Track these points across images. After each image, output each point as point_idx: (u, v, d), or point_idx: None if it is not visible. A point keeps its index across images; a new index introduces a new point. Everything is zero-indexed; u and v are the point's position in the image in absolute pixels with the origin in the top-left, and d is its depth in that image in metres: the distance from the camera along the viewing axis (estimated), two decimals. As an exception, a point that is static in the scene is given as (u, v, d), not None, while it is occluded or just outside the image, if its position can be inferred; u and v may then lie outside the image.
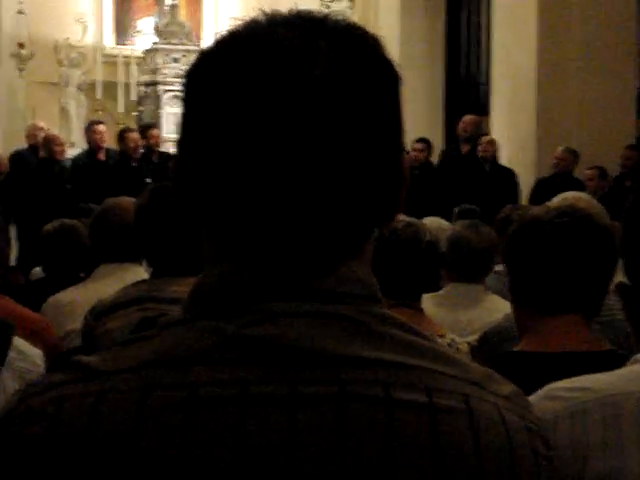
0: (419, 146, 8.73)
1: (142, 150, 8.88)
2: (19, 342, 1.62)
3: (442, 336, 2.66)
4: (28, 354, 1.64)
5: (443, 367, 0.79)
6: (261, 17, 0.81)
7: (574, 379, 1.20)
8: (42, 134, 8.81)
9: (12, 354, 1.58)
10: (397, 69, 0.82)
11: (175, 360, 0.76)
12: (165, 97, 11.25)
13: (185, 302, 0.81)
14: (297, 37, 0.78)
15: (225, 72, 0.79)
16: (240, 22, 0.82)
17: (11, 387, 1.56)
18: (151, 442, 0.73)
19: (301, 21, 0.80)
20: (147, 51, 11.59)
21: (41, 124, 9.34)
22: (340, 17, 0.82)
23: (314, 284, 0.78)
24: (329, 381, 0.75)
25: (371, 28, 0.84)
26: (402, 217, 2.61)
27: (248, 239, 0.79)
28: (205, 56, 0.82)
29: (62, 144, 8.41)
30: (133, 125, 11.21)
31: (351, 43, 0.80)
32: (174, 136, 10.48)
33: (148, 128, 9.31)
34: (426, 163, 8.82)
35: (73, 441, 0.74)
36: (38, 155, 8.71)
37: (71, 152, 9.30)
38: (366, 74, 0.79)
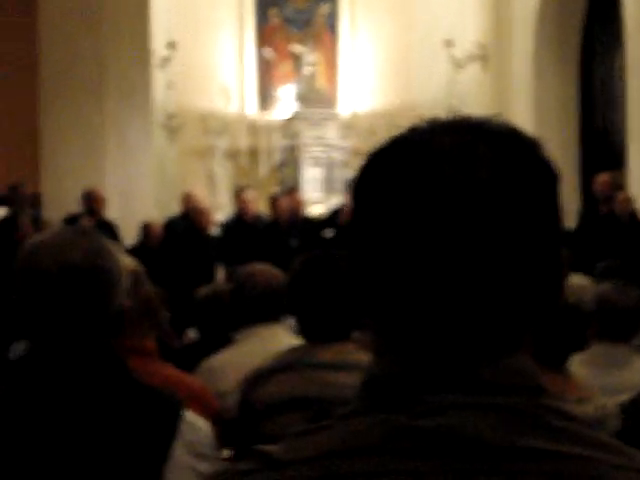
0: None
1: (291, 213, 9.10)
2: (188, 414, 1.67)
3: (589, 399, 2.64)
4: (198, 426, 1.68)
5: (608, 456, 0.80)
6: (422, 124, 0.85)
7: None
8: (191, 205, 9.12)
9: (183, 427, 1.63)
10: (556, 169, 0.85)
11: (350, 451, 0.79)
12: (305, 160, 11.53)
13: (357, 392, 0.84)
14: (458, 143, 0.82)
15: (389, 177, 0.83)
16: (403, 130, 0.87)
17: (183, 458, 1.61)
18: None
19: (462, 126, 0.84)
20: (288, 118, 11.91)
21: (194, 193, 9.67)
22: (499, 121, 0.85)
23: (480, 376, 0.80)
24: (498, 473, 0.77)
25: (505, 85, 0.88)
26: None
27: (414, 332, 0.82)
28: (371, 162, 0.86)
29: (207, 214, 8.68)
30: (275, 188, 11.52)
31: (511, 146, 0.83)
32: (315, 196, 10.76)
33: (292, 191, 9.53)
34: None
35: None
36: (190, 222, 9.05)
37: (219, 216, 9.61)
38: (527, 175, 0.82)
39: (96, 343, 1.64)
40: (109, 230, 7.91)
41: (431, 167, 0.81)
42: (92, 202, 8.40)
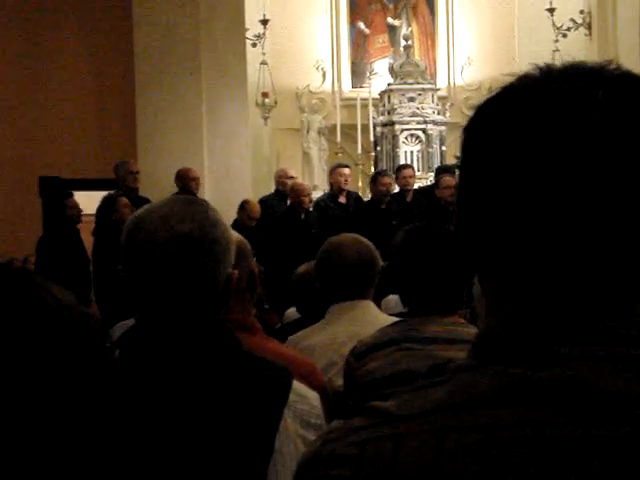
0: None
1: (395, 191, 8.95)
2: (298, 385, 1.66)
3: None
4: (306, 396, 1.68)
5: None
6: (535, 70, 0.83)
7: None
8: (290, 182, 9.07)
9: (292, 397, 1.62)
10: None
11: (468, 403, 0.78)
12: (402, 136, 11.42)
13: (472, 347, 0.83)
14: (573, 88, 0.80)
15: (503, 124, 0.81)
16: (512, 77, 0.84)
17: (292, 428, 1.61)
18: None
19: (576, 72, 0.82)
20: (383, 92, 11.82)
21: (291, 172, 9.60)
22: (613, 66, 0.83)
23: (602, 326, 0.78)
24: (621, 422, 0.75)
25: (611, 53, 0.85)
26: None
27: (533, 282, 0.80)
28: (482, 110, 0.85)
29: (309, 194, 8.63)
30: (370, 165, 11.46)
31: (627, 90, 0.81)
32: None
33: (402, 168, 9.33)
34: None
35: None
36: (285, 201, 9.02)
37: (314, 194, 9.60)
38: None
39: (206, 313, 1.63)
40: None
41: (546, 111, 0.79)
42: (187, 181, 8.49)
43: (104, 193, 7.82)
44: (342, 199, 9.16)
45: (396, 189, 9.05)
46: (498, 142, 0.81)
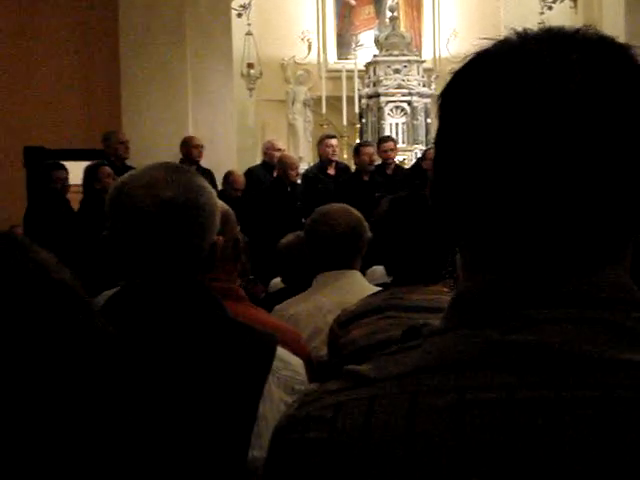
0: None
1: (377, 163, 8.92)
2: (282, 351, 1.67)
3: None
4: (290, 363, 1.69)
5: None
6: (512, 35, 0.84)
7: None
8: (278, 154, 9.05)
9: (277, 363, 1.64)
10: None
11: (441, 366, 0.79)
12: (387, 108, 11.39)
13: (446, 311, 0.84)
14: (549, 51, 0.80)
15: (480, 88, 0.81)
16: (488, 42, 0.85)
17: (276, 393, 1.62)
18: (422, 445, 0.77)
19: (552, 36, 0.82)
20: (368, 64, 11.78)
21: (279, 145, 9.58)
22: (591, 29, 0.83)
23: (574, 289, 0.79)
24: (593, 385, 0.76)
25: (595, 26, 0.86)
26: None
27: (508, 247, 0.81)
28: (458, 75, 0.85)
29: (297, 167, 8.60)
30: (355, 137, 11.44)
31: (603, 53, 0.81)
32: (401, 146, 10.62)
33: (383, 140, 9.31)
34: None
35: (351, 444, 0.79)
36: (272, 173, 8.99)
37: (301, 166, 9.59)
38: (621, 82, 0.79)
39: (191, 279, 1.63)
40: (207, 178, 7.96)
41: (522, 75, 0.79)
42: (189, 148, 8.49)
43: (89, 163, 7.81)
44: (331, 170, 9.13)
45: (378, 161, 9.05)
46: (473, 107, 0.81)
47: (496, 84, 0.80)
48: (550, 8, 11.53)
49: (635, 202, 0.80)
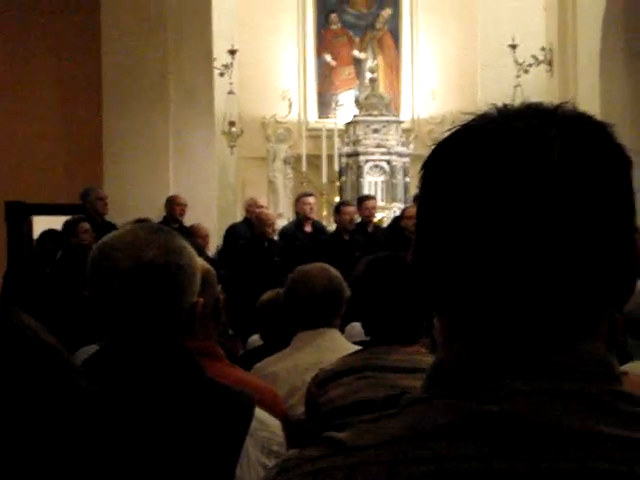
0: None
1: (357, 221, 8.97)
2: (260, 413, 1.67)
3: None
4: (268, 424, 1.69)
5: None
6: (492, 110, 0.85)
7: None
8: (257, 211, 9.08)
9: (254, 424, 1.63)
10: (628, 153, 0.84)
11: (419, 436, 0.79)
12: (366, 167, 11.51)
13: (424, 381, 0.85)
14: (528, 128, 0.81)
15: (461, 163, 0.82)
16: (471, 116, 0.86)
17: (254, 455, 1.62)
18: None
19: (532, 112, 0.83)
20: (348, 123, 11.91)
21: (261, 202, 9.66)
22: (569, 106, 0.84)
23: (551, 362, 0.80)
24: (570, 457, 0.76)
25: (571, 89, 0.88)
26: None
27: (485, 318, 0.82)
28: (440, 148, 0.86)
29: (272, 224, 8.62)
30: (335, 195, 11.52)
31: (582, 130, 0.82)
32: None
33: (364, 199, 9.40)
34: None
35: None
36: (253, 229, 9.07)
37: (279, 222, 9.62)
38: (599, 159, 0.81)
39: (169, 340, 1.64)
40: (189, 237, 7.95)
41: (502, 150, 0.80)
42: (172, 206, 8.52)
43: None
44: (308, 228, 9.19)
45: (358, 220, 9.12)
46: (454, 180, 0.82)
47: (476, 159, 0.81)
48: (526, 72, 11.73)
49: (610, 278, 0.81)
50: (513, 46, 11.74)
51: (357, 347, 2.86)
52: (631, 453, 0.77)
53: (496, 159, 0.80)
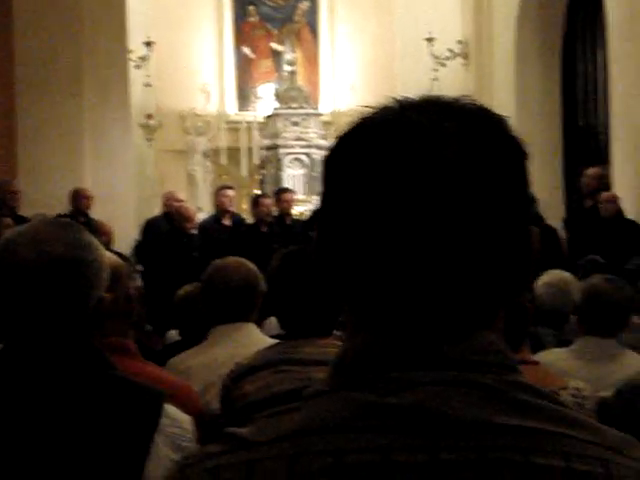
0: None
1: (275, 214, 8.99)
2: (170, 409, 1.65)
3: (564, 388, 2.65)
4: (179, 420, 1.66)
5: (580, 433, 0.80)
6: (393, 103, 0.86)
7: None
8: (176, 205, 9.01)
9: (164, 420, 1.61)
10: (523, 145, 0.85)
11: (319, 429, 0.80)
12: (286, 160, 11.50)
13: (328, 373, 0.85)
14: (427, 120, 0.82)
15: (359, 156, 0.83)
16: (373, 109, 0.87)
17: (163, 452, 1.59)
18: None
19: (431, 105, 0.84)
20: (268, 116, 11.89)
21: (179, 196, 9.56)
22: (468, 100, 0.86)
23: (449, 353, 0.81)
24: (469, 448, 0.77)
25: (486, 82, 0.89)
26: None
27: (384, 310, 0.82)
28: (342, 141, 0.86)
29: (192, 220, 8.58)
30: (255, 188, 11.49)
31: (478, 123, 0.83)
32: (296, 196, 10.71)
33: (282, 192, 9.42)
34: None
35: None
36: (172, 224, 8.98)
37: (199, 216, 9.56)
38: (494, 152, 0.82)
39: (75, 336, 1.61)
40: (95, 231, 7.83)
41: (399, 143, 0.81)
42: (78, 199, 8.36)
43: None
44: (226, 221, 9.16)
45: (276, 212, 9.13)
46: (353, 174, 0.83)
47: (375, 152, 0.82)
48: (443, 65, 11.87)
49: (505, 270, 0.82)
50: (430, 39, 11.86)
51: (273, 341, 2.85)
52: (527, 443, 0.78)
53: (393, 152, 0.81)
